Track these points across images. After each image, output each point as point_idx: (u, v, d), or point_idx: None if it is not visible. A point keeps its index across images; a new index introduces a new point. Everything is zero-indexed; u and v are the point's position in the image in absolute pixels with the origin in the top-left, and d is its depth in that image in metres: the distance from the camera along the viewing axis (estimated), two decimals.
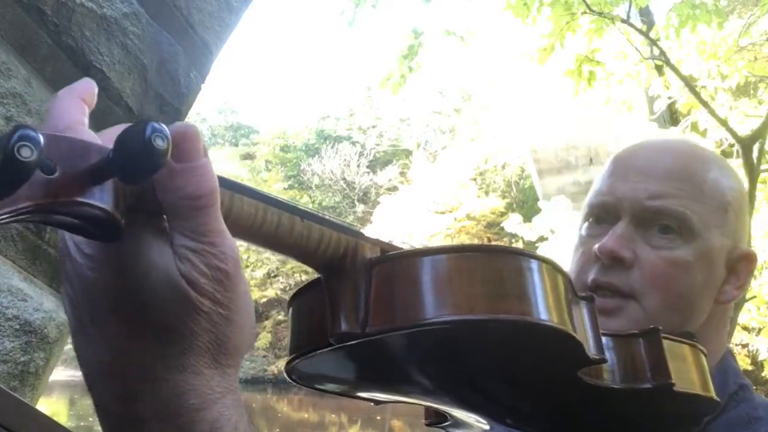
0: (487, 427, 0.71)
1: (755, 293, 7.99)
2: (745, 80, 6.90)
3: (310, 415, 19.69)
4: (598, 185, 0.92)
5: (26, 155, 0.32)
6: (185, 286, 0.41)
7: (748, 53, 7.08)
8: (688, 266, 0.83)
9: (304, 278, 26.35)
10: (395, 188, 29.07)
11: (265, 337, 24.76)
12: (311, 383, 0.63)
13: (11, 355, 1.39)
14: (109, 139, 0.39)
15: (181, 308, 0.41)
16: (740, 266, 0.88)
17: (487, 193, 26.60)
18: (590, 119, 11.55)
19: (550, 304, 0.51)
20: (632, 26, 6.06)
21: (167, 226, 0.43)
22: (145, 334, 0.41)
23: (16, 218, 0.35)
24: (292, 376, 0.60)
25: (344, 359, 0.56)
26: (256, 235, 0.47)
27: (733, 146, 6.53)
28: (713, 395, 0.65)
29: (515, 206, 24.76)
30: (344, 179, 32.60)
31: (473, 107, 30.02)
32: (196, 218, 0.42)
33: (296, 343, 0.57)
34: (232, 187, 0.46)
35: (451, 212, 24.17)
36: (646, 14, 7.04)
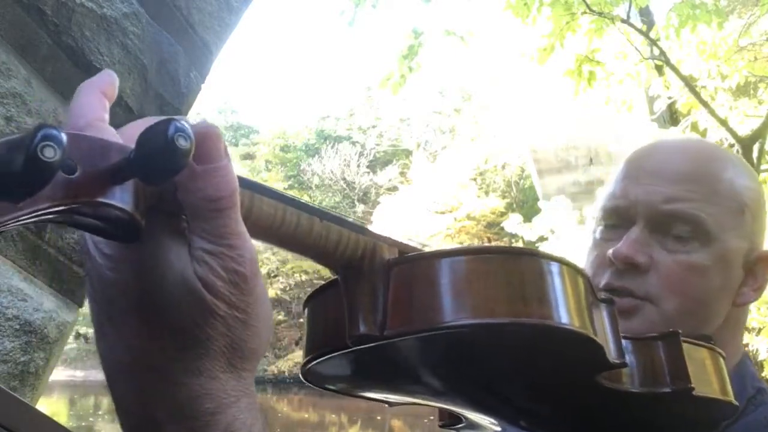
0: (499, 429, 0.70)
1: None
2: (745, 80, 6.89)
3: (310, 415, 19.68)
4: (611, 188, 0.90)
5: (49, 155, 0.31)
6: (201, 289, 0.41)
7: (748, 53, 7.07)
8: (705, 270, 0.81)
9: (304, 278, 26.33)
10: (395, 188, 29.10)
11: None
12: (325, 384, 0.62)
13: (11, 355, 1.39)
14: (129, 136, 0.38)
15: (196, 311, 0.41)
16: (758, 268, 0.86)
17: (487, 193, 26.62)
18: (590, 119, 11.55)
19: (571, 307, 0.50)
20: (632, 26, 6.06)
21: (186, 227, 0.42)
22: (161, 336, 0.41)
23: (36, 219, 0.34)
24: (307, 377, 0.60)
25: (360, 361, 0.55)
26: (275, 235, 0.46)
27: (733, 146, 6.52)
28: (732, 399, 0.64)
29: (515, 206, 24.76)
30: (344, 179, 32.61)
31: (473, 107, 30.04)
32: (215, 220, 0.41)
33: (312, 344, 0.56)
34: (251, 187, 0.45)
35: (451, 212, 24.19)
36: (646, 14, 7.04)
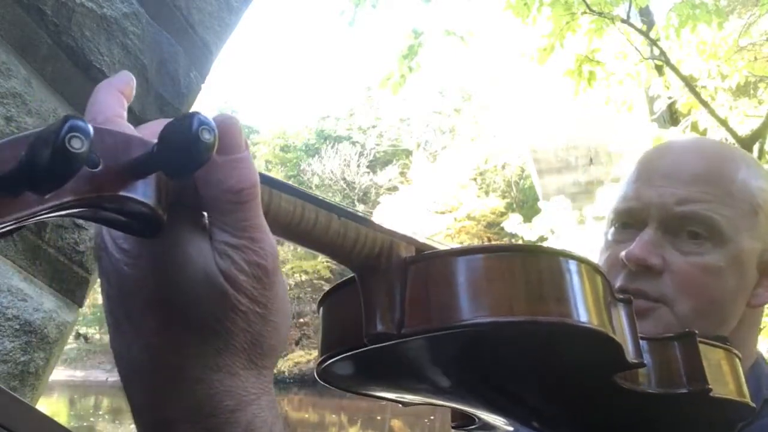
0: (512, 429, 0.69)
1: None
2: (745, 80, 6.88)
3: (310, 415, 19.69)
4: (623, 190, 0.89)
5: (77, 147, 0.31)
6: (224, 283, 0.40)
7: (748, 53, 7.07)
8: (719, 272, 0.81)
9: (303, 278, 26.34)
10: (395, 188, 29.09)
11: None
12: (340, 383, 0.61)
13: (11, 355, 1.39)
14: (149, 133, 0.38)
15: (217, 306, 0.40)
16: None
17: (487, 193, 26.62)
18: (590, 119, 11.54)
19: (590, 305, 0.49)
20: (632, 26, 6.06)
21: (207, 222, 0.42)
22: (180, 332, 0.40)
23: (59, 213, 0.34)
24: (322, 376, 0.59)
25: (376, 360, 0.54)
26: (293, 232, 0.46)
27: None
28: (749, 401, 0.64)
29: (515, 206, 24.76)
30: (344, 179, 32.60)
31: (473, 107, 30.05)
32: (236, 212, 0.41)
33: (328, 343, 0.55)
34: (270, 182, 0.45)
35: (451, 212, 24.20)
36: (646, 14, 7.04)
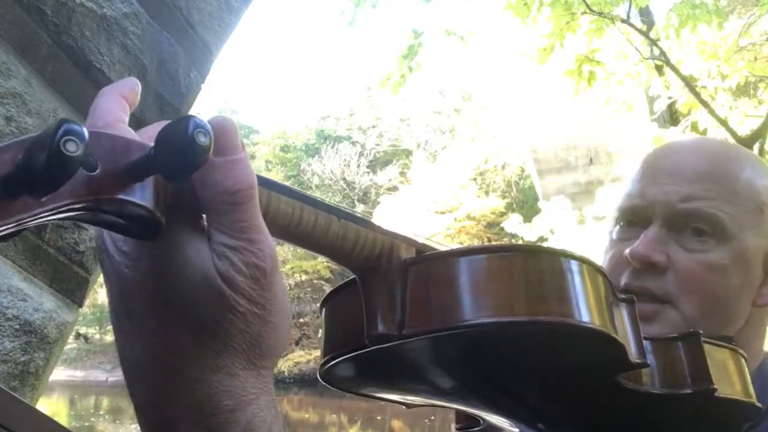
0: (516, 430, 0.69)
1: None
2: (745, 80, 6.89)
3: (310, 415, 19.68)
4: (628, 188, 0.89)
5: (72, 150, 0.31)
6: (221, 284, 0.41)
7: (748, 53, 7.07)
8: (723, 269, 0.81)
9: (303, 278, 26.34)
10: (395, 188, 29.08)
11: None
12: (343, 385, 0.62)
13: (11, 355, 1.39)
14: (148, 137, 0.39)
15: (216, 308, 0.41)
16: None
17: (487, 193, 26.61)
18: (590, 119, 11.53)
19: (591, 305, 0.49)
20: (632, 26, 6.07)
21: (205, 224, 0.42)
22: (180, 333, 0.41)
23: (58, 216, 0.35)
24: (325, 378, 0.59)
25: (378, 362, 0.55)
26: (292, 234, 0.47)
27: None
28: (755, 401, 0.64)
29: (515, 206, 24.76)
30: (344, 179, 32.59)
31: (473, 107, 30.03)
32: (234, 214, 0.41)
33: (330, 344, 0.56)
34: (268, 185, 0.45)
35: (451, 212, 24.19)
36: (646, 14, 7.04)
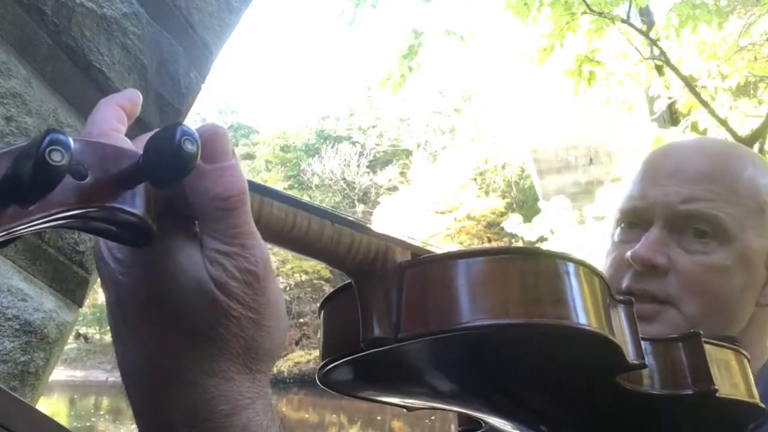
0: None
1: None
2: (745, 80, 6.89)
3: (310, 415, 19.68)
4: (628, 190, 0.89)
5: (57, 159, 0.32)
6: (214, 290, 0.41)
7: (748, 53, 7.07)
8: (726, 270, 0.80)
9: (303, 278, 26.34)
10: (395, 188, 29.08)
11: None
12: (342, 389, 0.62)
13: (11, 355, 1.39)
14: (144, 145, 0.39)
15: (210, 313, 0.41)
16: None
17: (487, 193, 26.60)
18: (590, 119, 11.54)
19: (587, 307, 0.49)
20: (632, 26, 6.07)
21: (197, 231, 0.43)
22: (175, 338, 0.41)
23: (49, 225, 0.35)
24: (324, 381, 0.59)
25: (376, 365, 0.55)
26: (286, 239, 0.47)
27: None
28: (758, 401, 0.64)
29: (515, 206, 24.76)
30: (344, 179, 32.58)
31: (473, 107, 30.02)
32: (225, 220, 0.41)
33: (328, 348, 0.56)
34: (261, 190, 0.45)
35: (451, 212, 24.18)
36: (646, 14, 7.04)
